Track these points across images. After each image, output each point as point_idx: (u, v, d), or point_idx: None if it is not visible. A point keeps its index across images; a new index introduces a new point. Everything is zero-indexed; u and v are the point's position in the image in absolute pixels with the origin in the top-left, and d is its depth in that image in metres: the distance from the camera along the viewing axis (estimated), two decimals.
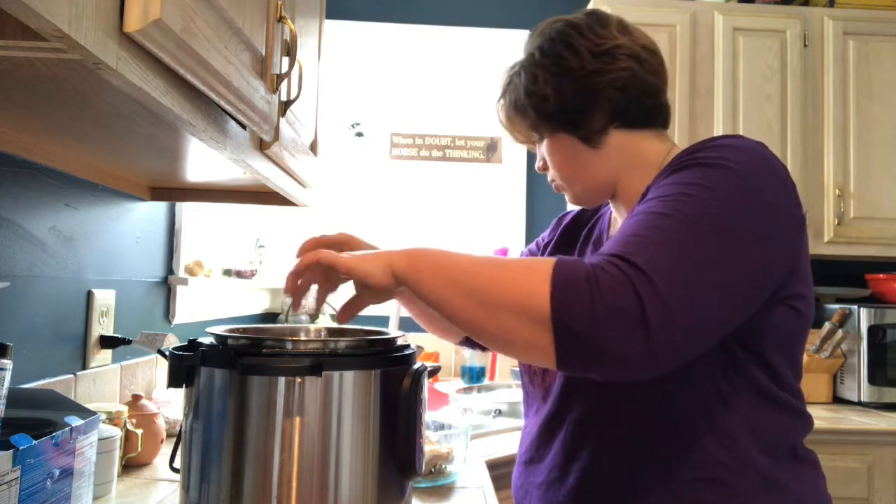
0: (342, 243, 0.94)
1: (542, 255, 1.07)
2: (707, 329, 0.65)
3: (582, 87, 0.85)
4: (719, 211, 0.68)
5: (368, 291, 0.77)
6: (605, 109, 0.86)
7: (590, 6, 2.35)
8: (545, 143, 0.92)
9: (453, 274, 0.69)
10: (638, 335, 0.60)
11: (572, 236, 1.04)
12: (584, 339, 0.61)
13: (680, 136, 2.28)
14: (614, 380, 0.68)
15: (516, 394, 2.02)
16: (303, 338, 0.93)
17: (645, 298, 0.60)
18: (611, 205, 0.96)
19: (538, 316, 0.62)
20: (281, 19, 0.96)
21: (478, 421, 1.78)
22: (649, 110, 0.88)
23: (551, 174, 0.95)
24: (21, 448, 0.70)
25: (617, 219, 0.94)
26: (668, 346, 0.61)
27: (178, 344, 0.81)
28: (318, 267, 0.77)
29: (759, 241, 0.69)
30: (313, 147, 1.37)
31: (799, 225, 0.76)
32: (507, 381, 2.36)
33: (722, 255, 0.66)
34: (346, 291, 0.78)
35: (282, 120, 1.04)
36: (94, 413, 0.88)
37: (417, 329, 2.56)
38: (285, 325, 2.06)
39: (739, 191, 0.70)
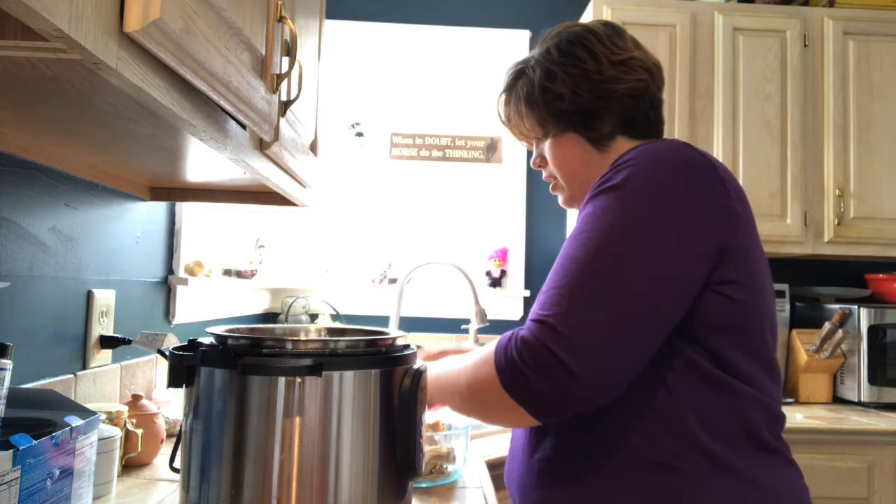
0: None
1: None
2: (629, 355, 0.72)
3: (598, 91, 0.89)
4: (615, 244, 0.74)
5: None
6: (616, 116, 0.90)
7: (590, 8, 2.35)
8: (549, 140, 0.94)
9: (448, 396, 0.88)
10: (566, 382, 0.71)
11: None
12: (535, 401, 0.73)
13: (680, 136, 2.28)
14: (574, 414, 0.76)
15: None
16: (303, 338, 0.93)
17: (557, 350, 0.71)
18: None
19: (507, 403, 0.76)
20: (281, 19, 0.96)
21: (478, 421, 1.78)
22: (652, 122, 0.93)
23: (549, 172, 0.97)
24: (21, 448, 0.70)
25: None
26: (599, 380, 0.71)
27: (178, 344, 0.81)
28: None
29: (661, 258, 0.74)
30: (313, 147, 1.37)
31: (725, 215, 0.77)
32: None
33: (621, 289, 0.72)
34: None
35: (282, 120, 1.04)
36: (94, 413, 0.88)
37: (417, 329, 2.57)
38: (285, 325, 2.06)
39: (637, 211, 0.75)
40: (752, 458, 0.78)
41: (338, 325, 1.86)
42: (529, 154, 2.71)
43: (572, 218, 2.58)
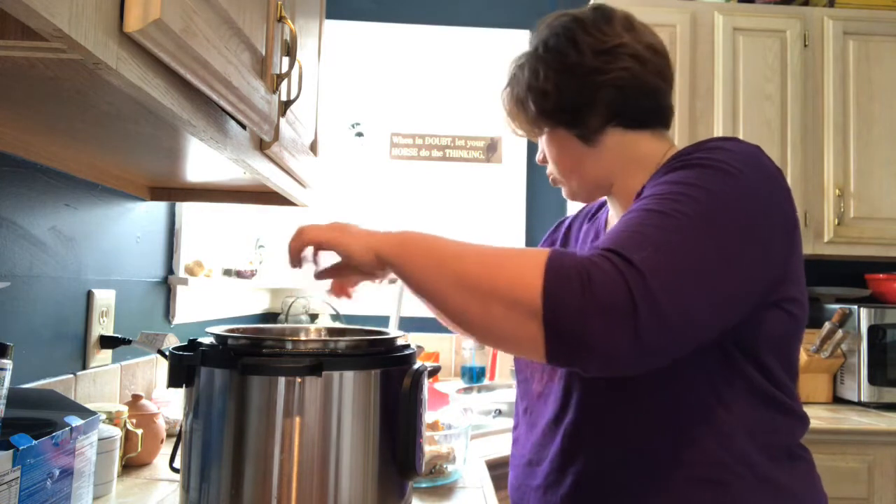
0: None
1: None
2: (695, 330, 0.65)
3: (581, 84, 0.85)
4: (716, 212, 0.68)
5: (351, 267, 0.79)
6: (602, 108, 0.85)
7: (591, 3, 2.35)
8: (545, 137, 0.92)
9: (442, 260, 0.69)
10: (626, 333, 0.59)
11: (569, 239, 1.06)
12: (573, 334, 0.60)
13: (680, 136, 2.28)
14: (599, 375, 0.66)
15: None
16: (303, 338, 0.93)
17: (637, 297, 0.59)
18: (608, 203, 0.96)
19: (529, 308, 0.62)
20: (281, 19, 0.96)
21: (478, 421, 1.78)
22: (648, 111, 0.87)
23: (549, 168, 0.96)
24: (21, 448, 0.70)
25: (613, 217, 0.95)
26: (656, 345, 0.61)
27: (178, 344, 0.81)
28: (307, 246, 0.79)
29: (754, 243, 0.69)
30: (313, 147, 1.37)
31: (793, 227, 0.76)
32: (507, 381, 2.36)
33: (717, 257, 0.66)
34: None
35: (282, 120, 1.04)
36: (94, 413, 0.88)
37: (417, 329, 2.57)
38: (285, 325, 2.06)
39: (736, 193, 0.70)
40: (790, 470, 0.79)
41: (338, 325, 1.86)
42: (529, 154, 2.71)
43: None
